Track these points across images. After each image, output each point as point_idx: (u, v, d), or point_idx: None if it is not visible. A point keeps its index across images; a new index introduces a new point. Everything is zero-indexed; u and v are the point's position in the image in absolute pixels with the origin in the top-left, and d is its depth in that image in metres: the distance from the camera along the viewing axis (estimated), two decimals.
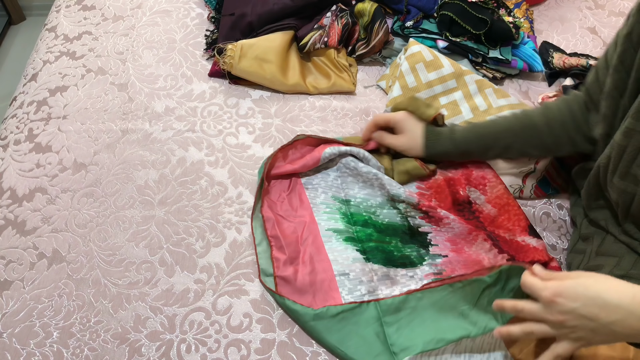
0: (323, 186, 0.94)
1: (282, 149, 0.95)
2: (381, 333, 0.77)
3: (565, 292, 0.59)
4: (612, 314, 0.57)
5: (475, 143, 0.91)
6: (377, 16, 1.15)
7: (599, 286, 0.59)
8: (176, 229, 0.90)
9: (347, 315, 0.78)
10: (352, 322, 0.78)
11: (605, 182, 0.80)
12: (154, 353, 0.77)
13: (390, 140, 0.94)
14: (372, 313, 0.79)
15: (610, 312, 0.57)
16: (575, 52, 1.24)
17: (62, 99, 1.08)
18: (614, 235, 0.83)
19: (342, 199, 0.92)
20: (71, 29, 1.24)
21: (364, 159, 0.94)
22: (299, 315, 0.78)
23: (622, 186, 0.77)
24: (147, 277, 0.84)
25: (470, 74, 1.10)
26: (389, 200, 0.92)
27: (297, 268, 0.83)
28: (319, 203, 0.91)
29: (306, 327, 0.79)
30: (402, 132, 0.93)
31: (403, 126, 0.93)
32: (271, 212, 0.89)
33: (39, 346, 0.77)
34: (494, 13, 1.15)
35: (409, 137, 0.93)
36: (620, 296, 0.58)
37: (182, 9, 1.28)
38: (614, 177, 0.78)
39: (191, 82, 1.13)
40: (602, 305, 0.57)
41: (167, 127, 1.04)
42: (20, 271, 0.84)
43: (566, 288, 0.59)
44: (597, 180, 0.83)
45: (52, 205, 0.92)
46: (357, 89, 1.15)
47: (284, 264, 0.83)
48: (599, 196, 0.85)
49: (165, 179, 0.96)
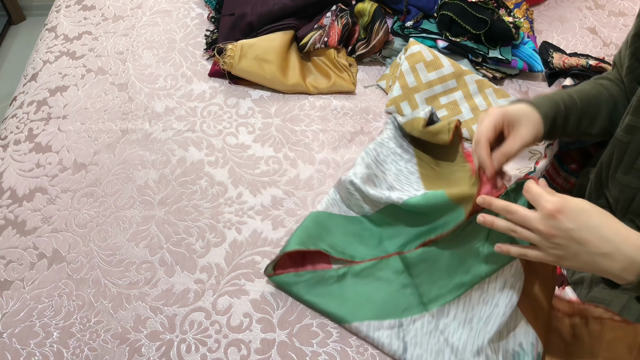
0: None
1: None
2: (409, 285, 0.79)
3: (568, 210, 0.59)
4: (602, 246, 0.59)
5: (569, 100, 0.79)
6: (377, 16, 1.15)
7: (601, 218, 0.60)
8: (176, 229, 0.90)
9: (371, 271, 0.81)
10: (377, 277, 0.80)
11: (607, 179, 0.81)
12: (154, 353, 0.77)
13: (518, 144, 0.74)
14: (397, 266, 0.81)
15: (602, 243, 0.59)
16: (575, 52, 1.24)
17: (62, 99, 1.08)
18: None
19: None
20: (71, 29, 1.24)
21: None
22: (323, 282, 0.80)
23: (625, 181, 0.77)
24: (147, 277, 0.84)
25: (471, 74, 1.10)
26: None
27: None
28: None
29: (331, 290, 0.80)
30: (517, 124, 0.75)
31: (517, 116, 0.75)
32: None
33: (39, 346, 0.77)
34: (494, 13, 1.15)
35: (530, 122, 0.75)
36: (615, 232, 0.59)
37: (182, 9, 1.28)
38: (617, 173, 0.78)
39: (191, 82, 1.13)
40: (596, 235, 0.59)
41: (167, 127, 1.04)
42: (20, 271, 0.84)
43: (569, 207, 0.60)
44: (599, 177, 0.83)
45: (52, 205, 0.92)
46: (357, 89, 1.15)
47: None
48: (600, 194, 0.85)
49: (165, 179, 0.96)
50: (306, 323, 0.80)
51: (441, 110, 1.07)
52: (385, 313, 0.79)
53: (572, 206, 0.60)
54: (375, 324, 0.78)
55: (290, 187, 0.97)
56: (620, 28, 1.32)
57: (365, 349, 0.78)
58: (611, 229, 0.60)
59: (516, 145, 0.74)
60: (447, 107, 1.08)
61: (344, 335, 0.80)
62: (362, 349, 0.78)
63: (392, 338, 0.77)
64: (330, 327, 0.80)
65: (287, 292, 0.83)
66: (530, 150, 0.99)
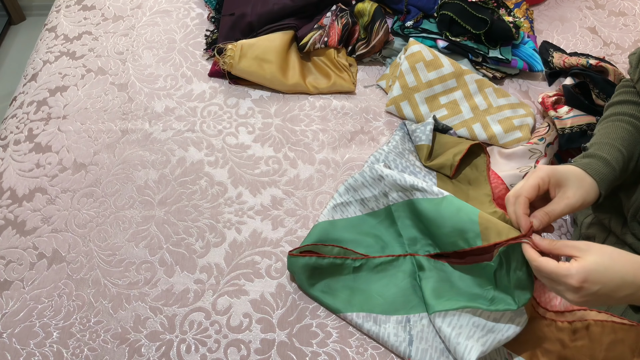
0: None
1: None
2: (417, 286, 0.82)
3: (591, 277, 0.61)
4: (626, 289, 0.61)
5: (622, 159, 0.77)
6: (377, 16, 1.15)
7: (618, 266, 0.62)
8: (176, 229, 0.90)
9: (385, 267, 0.83)
10: (389, 274, 0.83)
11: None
12: (153, 353, 0.77)
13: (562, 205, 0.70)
14: (409, 267, 0.83)
15: (626, 288, 0.61)
16: (575, 51, 1.24)
17: (62, 99, 1.08)
18: (616, 235, 0.83)
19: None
20: (71, 29, 1.24)
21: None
22: (340, 269, 0.82)
23: None
24: (147, 277, 0.84)
25: (471, 74, 1.10)
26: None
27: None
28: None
29: (345, 280, 0.83)
30: (565, 185, 0.71)
31: (565, 177, 0.71)
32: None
33: (38, 346, 0.77)
34: (494, 13, 1.15)
35: (580, 185, 0.71)
36: (634, 274, 0.61)
37: (182, 9, 1.28)
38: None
39: (191, 82, 1.13)
40: (619, 283, 0.61)
41: (167, 127, 1.04)
42: (20, 271, 0.84)
43: (591, 273, 0.61)
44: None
45: (52, 205, 0.92)
46: (357, 89, 1.14)
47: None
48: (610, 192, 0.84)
49: (165, 179, 0.96)
50: (306, 323, 0.80)
51: (441, 110, 1.07)
52: (394, 309, 0.81)
53: (592, 268, 0.61)
54: (383, 318, 0.80)
55: (290, 187, 0.97)
56: (620, 28, 1.32)
57: (365, 349, 0.78)
58: (630, 270, 0.62)
59: (560, 206, 0.70)
60: (447, 107, 1.08)
61: (344, 335, 0.80)
62: (361, 349, 0.78)
63: (398, 330, 0.78)
64: (330, 327, 0.80)
65: (299, 280, 0.83)
66: (530, 150, 0.99)
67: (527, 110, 1.08)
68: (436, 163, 0.98)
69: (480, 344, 0.72)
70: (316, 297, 0.82)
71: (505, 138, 1.04)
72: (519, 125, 1.05)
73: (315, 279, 0.83)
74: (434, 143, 1.02)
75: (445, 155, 0.98)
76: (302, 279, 0.82)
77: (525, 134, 1.04)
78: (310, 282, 0.82)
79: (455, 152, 0.97)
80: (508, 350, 0.76)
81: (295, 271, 0.83)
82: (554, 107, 1.05)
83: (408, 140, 1.03)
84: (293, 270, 0.83)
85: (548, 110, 1.05)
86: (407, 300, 0.81)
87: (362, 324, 0.79)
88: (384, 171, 0.87)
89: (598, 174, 0.73)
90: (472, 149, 0.99)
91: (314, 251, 0.83)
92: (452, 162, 0.96)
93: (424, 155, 0.99)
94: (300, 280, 0.83)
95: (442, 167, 0.97)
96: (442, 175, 0.98)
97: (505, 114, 1.07)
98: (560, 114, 1.02)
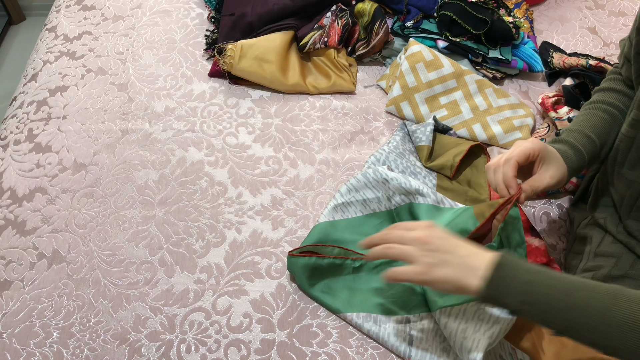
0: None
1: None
2: (417, 286, 0.82)
3: (439, 226, 0.69)
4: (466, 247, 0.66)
5: (591, 146, 0.80)
6: (377, 16, 1.15)
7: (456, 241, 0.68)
8: (176, 229, 0.90)
9: (385, 268, 0.83)
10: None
11: (613, 175, 0.80)
12: (153, 353, 0.77)
13: (545, 183, 0.73)
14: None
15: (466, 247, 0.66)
16: (575, 52, 1.24)
17: (62, 99, 1.08)
18: (612, 234, 0.83)
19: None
20: (71, 29, 1.24)
21: None
22: (340, 269, 0.82)
23: (632, 177, 0.77)
24: (147, 277, 0.84)
25: (471, 74, 1.10)
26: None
27: None
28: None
29: (345, 280, 0.83)
30: (549, 164, 0.74)
31: (552, 156, 0.75)
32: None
33: (38, 346, 0.77)
34: (494, 13, 1.15)
35: (560, 167, 0.75)
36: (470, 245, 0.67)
37: (182, 9, 1.28)
38: (623, 169, 0.78)
39: (191, 82, 1.13)
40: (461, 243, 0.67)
41: (167, 127, 1.04)
42: (20, 271, 0.84)
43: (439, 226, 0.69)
44: (605, 174, 0.83)
45: (52, 205, 0.92)
46: (357, 89, 1.15)
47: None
48: (604, 192, 0.85)
49: (165, 179, 0.96)
50: (306, 323, 0.80)
51: (441, 110, 1.07)
52: (394, 309, 0.81)
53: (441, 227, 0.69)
54: (383, 318, 0.80)
55: (290, 187, 0.97)
56: (620, 28, 1.32)
57: (365, 349, 0.78)
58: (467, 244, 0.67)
59: (542, 184, 0.73)
60: (447, 107, 1.08)
61: (344, 335, 0.80)
62: (361, 349, 0.78)
63: (398, 330, 0.79)
64: (330, 327, 0.80)
65: (299, 280, 0.83)
66: None
67: (527, 110, 1.08)
68: (436, 164, 0.98)
69: (487, 337, 0.72)
70: (316, 297, 0.82)
71: (505, 138, 1.04)
72: (519, 126, 1.05)
73: (315, 279, 0.83)
74: (434, 144, 1.02)
75: (445, 156, 0.98)
76: (302, 279, 0.82)
77: (525, 134, 1.04)
78: (310, 282, 0.82)
79: (456, 153, 0.97)
80: (512, 345, 0.76)
81: (295, 271, 0.83)
82: (554, 108, 1.05)
83: (408, 141, 1.04)
84: (293, 270, 0.83)
85: (548, 112, 1.05)
86: (407, 301, 0.81)
87: (362, 324, 0.79)
88: (388, 174, 0.88)
89: (568, 158, 0.76)
90: (473, 150, 1.00)
91: (314, 251, 0.83)
92: (453, 163, 0.96)
93: (424, 156, 0.99)
94: (300, 280, 0.83)
95: (442, 168, 0.97)
96: (442, 176, 0.98)
97: (505, 115, 1.07)
98: (561, 115, 1.02)
